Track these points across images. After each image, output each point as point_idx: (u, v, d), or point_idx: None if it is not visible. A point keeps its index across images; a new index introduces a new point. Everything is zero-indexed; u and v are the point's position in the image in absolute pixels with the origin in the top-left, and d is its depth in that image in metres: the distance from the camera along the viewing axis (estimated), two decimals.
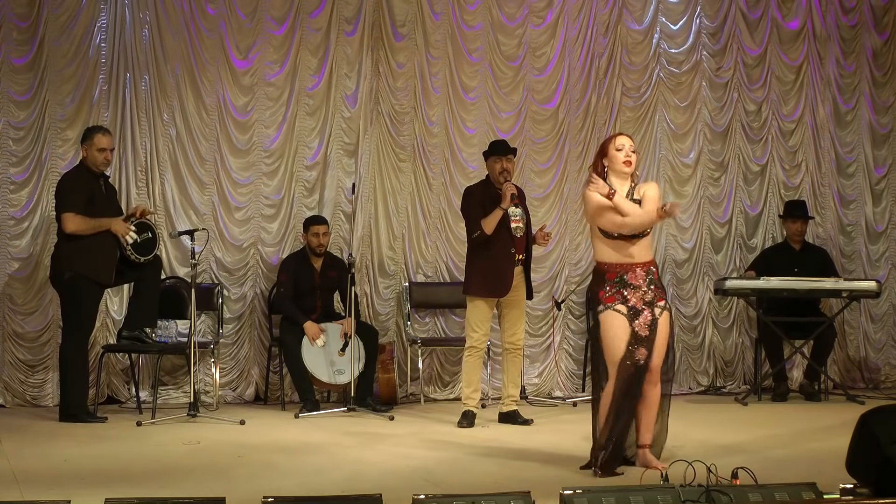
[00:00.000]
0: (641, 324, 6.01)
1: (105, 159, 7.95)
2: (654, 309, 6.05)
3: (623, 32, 9.80)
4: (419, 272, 9.36)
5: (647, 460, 6.06)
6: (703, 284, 9.90)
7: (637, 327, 6.01)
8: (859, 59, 10.26)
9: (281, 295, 8.67)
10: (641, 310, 6.02)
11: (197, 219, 8.88)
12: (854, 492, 4.86)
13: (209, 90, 8.97)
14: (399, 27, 9.33)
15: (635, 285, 6.04)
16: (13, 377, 8.53)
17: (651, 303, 6.05)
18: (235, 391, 8.98)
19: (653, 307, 6.05)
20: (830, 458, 5.75)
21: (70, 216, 7.77)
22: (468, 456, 6.64)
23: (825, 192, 10.19)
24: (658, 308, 6.06)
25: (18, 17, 8.59)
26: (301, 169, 9.16)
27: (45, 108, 8.62)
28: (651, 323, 6.02)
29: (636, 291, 6.03)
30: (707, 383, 9.86)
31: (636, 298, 6.03)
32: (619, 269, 6.06)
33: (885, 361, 10.22)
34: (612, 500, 4.69)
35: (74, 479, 5.76)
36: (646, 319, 6.02)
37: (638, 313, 6.02)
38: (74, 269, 7.77)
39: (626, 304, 6.02)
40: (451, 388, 9.29)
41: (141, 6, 8.79)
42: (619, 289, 6.04)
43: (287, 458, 6.53)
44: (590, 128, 9.70)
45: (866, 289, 9.26)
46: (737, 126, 10.04)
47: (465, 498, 4.67)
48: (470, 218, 7.84)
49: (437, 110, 9.43)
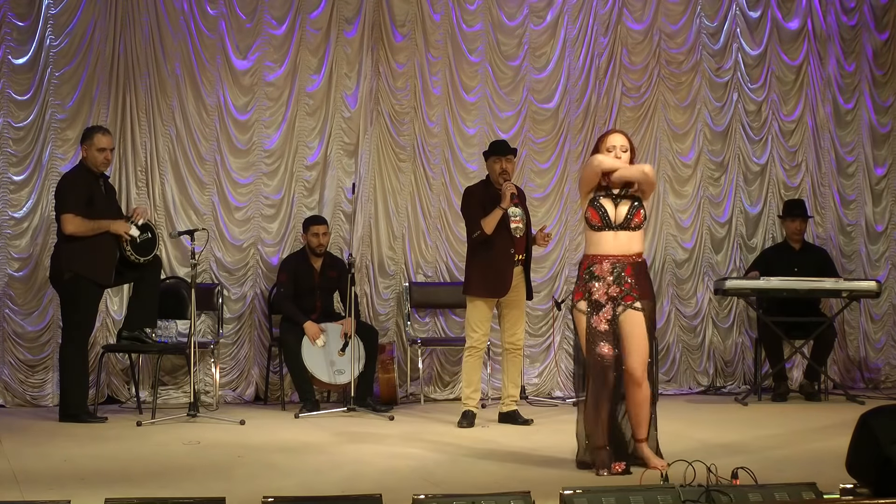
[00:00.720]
0: (600, 319, 5.95)
1: (105, 159, 7.95)
2: (618, 305, 5.96)
3: (623, 32, 9.80)
4: (419, 272, 9.37)
5: (644, 455, 6.04)
6: (703, 284, 9.90)
7: (595, 322, 5.95)
8: (859, 59, 10.26)
9: (281, 295, 8.67)
10: (603, 304, 5.96)
11: (197, 219, 8.88)
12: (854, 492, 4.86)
13: (209, 90, 8.97)
14: (399, 27, 9.33)
15: (601, 277, 5.97)
16: (13, 377, 8.53)
17: (616, 299, 5.96)
18: (235, 391, 8.98)
19: (615, 302, 5.95)
20: (830, 458, 5.75)
21: (69, 217, 7.77)
22: (468, 456, 6.64)
23: (825, 192, 10.19)
24: (623, 306, 5.96)
25: (18, 17, 8.59)
26: (301, 169, 9.17)
27: (45, 108, 8.63)
28: (611, 319, 5.94)
29: (602, 284, 5.96)
30: (707, 383, 9.86)
31: (600, 293, 5.97)
32: (590, 261, 6.04)
33: (885, 361, 10.22)
34: (612, 500, 4.69)
35: (74, 479, 5.76)
36: (606, 315, 5.95)
37: (599, 307, 5.96)
38: (74, 269, 7.76)
39: (588, 300, 5.98)
40: (451, 388, 9.29)
41: (141, 6, 8.79)
42: (587, 282, 6.01)
43: (287, 458, 6.52)
44: (590, 128, 9.70)
45: (866, 289, 9.25)
46: (737, 126, 10.04)
47: (465, 498, 4.67)
48: (470, 218, 7.84)
49: (437, 110, 9.43)
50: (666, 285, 9.84)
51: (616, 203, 6.07)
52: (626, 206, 6.05)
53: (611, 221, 6.03)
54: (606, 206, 6.05)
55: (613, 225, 6.02)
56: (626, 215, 6.03)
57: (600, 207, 6.05)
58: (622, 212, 6.04)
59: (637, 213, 6.05)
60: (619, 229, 6.03)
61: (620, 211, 6.05)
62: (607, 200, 6.07)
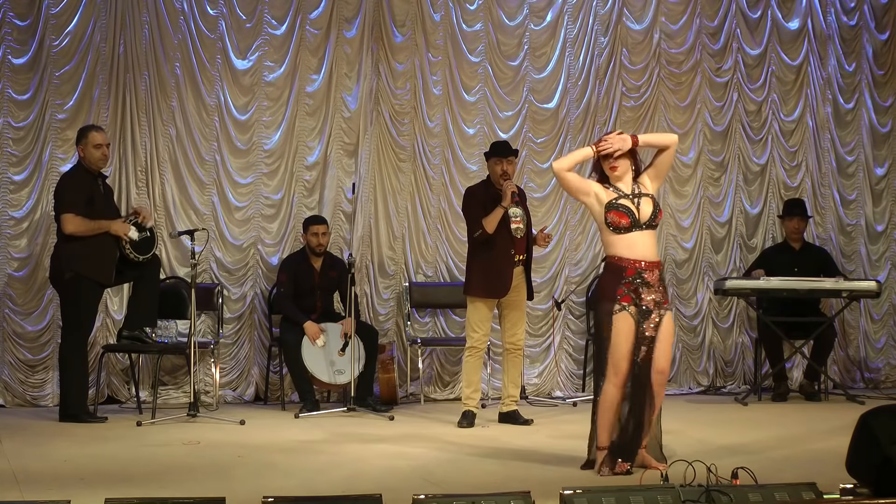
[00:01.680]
0: (649, 325, 5.94)
1: (103, 155, 7.94)
2: (661, 310, 5.97)
3: (623, 32, 9.80)
4: (419, 272, 9.36)
5: (646, 460, 6.00)
6: (703, 284, 9.90)
7: (646, 329, 5.94)
8: (859, 59, 10.26)
9: (281, 295, 8.67)
10: (651, 311, 5.94)
11: (197, 219, 8.88)
12: (854, 492, 4.86)
13: (209, 90, 8.97)
14: (399, 27, 9.33)
15: (651, 285, 5.96)
16: (13, 377, 8.53)
17: (659, 303, 5.97)
18: (235, 391, 8.98)
19: (660, 308, 5.97)
20: (830, 458, 5.75)
21: (69, 217, 7.77)
22: (468, 456, 6.64)
23: (825, 192, 10.19)
24: (663, 309, 5.98)
25: (18, 17, 8.59)
26: (301, 169, 9.17)
27: (45, 108, 8.63)
28: (657, 325, 5.95)
29: (650, 292, 5.95)
30: (707, 383, 9.86)
31: (649, 299, 5.95)
32: (638, 266, 5.94)
33: (885, 361, 10.22)
34: (613, 500, 4.69)
35: (74, 479, 5.76)
36: (653, 321, 5.94)
37: (648, 314, 5.94)
38: (74, 269, 7.76)
39: (637, 306, 5.94)
40: (451, 388, 9.29)
41: (141, 6, 8.79)
42: (637, 287, 5.94)
43: (287, 458, 6.52)
44: (590, 128, 9.70)
45: (866, 289, 9.25)
46: (737, 126, 10.04)
47: (465, 498, 4.67)
48: (471, 217, 7.83)
49: (437, 110, 9.43)
50: (666, 285, 9.82)
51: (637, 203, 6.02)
52: (649, 204, 6.01)
53: (638, 221, 5.97)
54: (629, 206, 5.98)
55: (641, 224, 5.97)
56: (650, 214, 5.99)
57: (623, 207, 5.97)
58: (646, 211, 6.00)
59: (659, 212, 6.06)
60: (649, 229, 5.99)
61: (644, 210, 6.00)
62: (626, 201, 6.00)
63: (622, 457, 5.91)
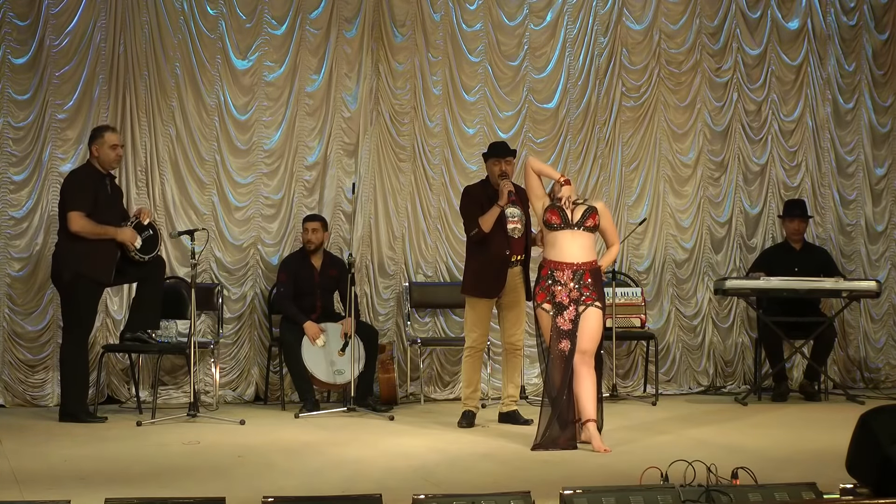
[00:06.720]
0: (564, 320, 6.72)
1: (117, 156, 7.97)
2: (580, 306, 6.71)
3: (623, 32, 9.80)
4: (419, 272, 9.37)
5: (591, 434, 6.57)
6: (703, 284, 9.90)
7: (560, 322, 6.72)
8: (859, 59, 10.26)
9: (281, 295, 8.67)
10: (567, 306, 6.72)
11: (197, 219, 8.88)
12: (854, 492, 4.85)
13: (209, 90, 8.98)
14: (399, 27, 9.34)
15: (563, 283, 6.75)
16: (13, 377, 8.53)
17: (576, 300, 6.71)
18: (235, 391, 8.98)
19: (577, 304, 6.71)
20: (830, 458, 5.74)
21: (76, 215, 7.76)
22: (468, 456, 6.64)
23: (825, 192, 10.19)
24: (584, 306, 6.72)
25: (18, 16, 8.59)
26: (301, 169, 9.17)
27: (45, 108, 8.63)
28: (574, 318, 6.70)
29: (564, 289, 6.74)
30: (707, 383, 9.86)
31: (563, 296, 6.73)
32: (552, 266, 6.82)
33: (885, 361, 10.22)
34: (612, 499, 4.69)
35: (74, 479, 5.76)
36: (570, 315, 6.71)
37: (563, 308, 6.73)
38: (74, 268, 7.76)
39: (552, 302, 6.75)
40: (451, 388, 9.29)
41: (141, 6, 8.79)
42: (550, 285, 6.78)
43: (287, 458, 6.53)
44: (590, 128, 9.71)
45: (866, 289, 9.25)
46: (737, 126, 10.04)
47: (465, 498, 4.67)
48: (468, 216, 7.83)
49: (437, 110, 9.43)
50: (666, 285, 9.85)
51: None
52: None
53: (569, 221, 6.83)
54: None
55: (572, 224, 6.79)
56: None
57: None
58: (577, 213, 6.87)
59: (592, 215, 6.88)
60: (579, 234, 6.80)
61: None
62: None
63: (561, 431, 6.61)
